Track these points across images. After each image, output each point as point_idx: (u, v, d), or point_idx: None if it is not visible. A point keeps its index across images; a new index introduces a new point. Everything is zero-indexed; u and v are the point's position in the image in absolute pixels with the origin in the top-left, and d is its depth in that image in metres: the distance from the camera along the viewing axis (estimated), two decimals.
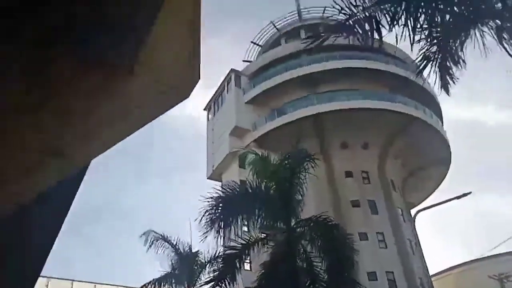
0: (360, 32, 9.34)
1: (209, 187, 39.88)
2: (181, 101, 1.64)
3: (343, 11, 9.14)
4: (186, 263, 17.36)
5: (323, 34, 10.82)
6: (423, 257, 33.73)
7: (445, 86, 10.75)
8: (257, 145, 35.97)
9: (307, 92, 36.60)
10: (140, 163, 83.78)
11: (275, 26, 45.24)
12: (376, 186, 34.63)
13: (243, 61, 46.43)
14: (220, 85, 40.38)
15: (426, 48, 10.15)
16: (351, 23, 9.28)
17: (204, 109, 42.53)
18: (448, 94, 10.78)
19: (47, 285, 23.41)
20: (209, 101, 41.77)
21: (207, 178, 38.30)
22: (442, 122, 38.72)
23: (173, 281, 17.50)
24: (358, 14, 9.19)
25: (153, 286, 17.55)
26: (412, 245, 33.17)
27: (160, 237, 17.86)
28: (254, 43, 46.22)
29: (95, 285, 25.44)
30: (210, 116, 41.71)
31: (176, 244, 18.01)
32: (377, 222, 32.28)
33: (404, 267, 31.17)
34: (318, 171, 22.65)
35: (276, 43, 44.36)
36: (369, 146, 35.75)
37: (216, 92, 41.00)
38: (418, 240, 34.12)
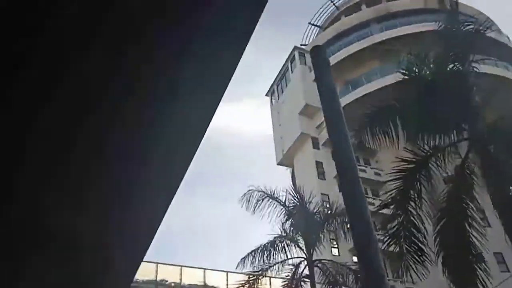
0: None
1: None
2: None
3: None
4: (301, 221, 14.52)
5: None
6: None
7: None
8: None
9: (380, 62, 33.51)
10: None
11: (333, 4, 42.69)
12: None
13: (301, 45, 44.01)
14: (283, 66, 37.91)
15: None
16: None
17: (266, 95, 40.09)
18: None
19: (156, 270, 21.84)
20: (271, 85, 39.31)
21: (277, 164, 35.52)
22: None
23: (285, 243, 14.66)
24: None
25: (261, 253, 14.77)
26: None
27: (266, 195, 15.10)
28: (312, 24, 43.75)
29: (204, 270, 23.77)
30: (273, 100, 39.16)
31: (285, 202, 15.20)
32: None
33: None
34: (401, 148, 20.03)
35: (336, 21, 41.69)
36: None
37: (278, 75, 38.52)
38: None
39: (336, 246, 26.14)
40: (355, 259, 27.10)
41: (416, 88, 9.93)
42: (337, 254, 25.25)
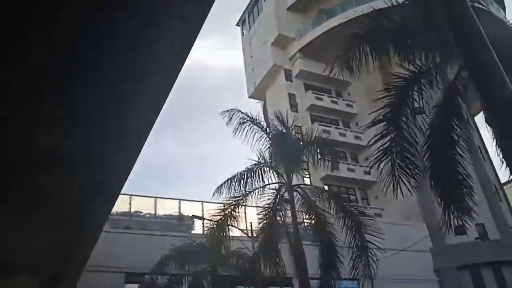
0: None
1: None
2: None
3: None
4: (282, 147, 14.38)
5: None
6: (493, 164, 30.96)
7: None
8: (303, 55, 32.41)
9: None
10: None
11: None
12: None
13: None
14: None
15: None
16: None
17: (237, 25, 38.51)
18: None
19: (130, 203, 21.64)
20: (242, 14, 37.67)
21: (249, 97, 35.00)
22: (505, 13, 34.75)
23: (263, 171, 14.55)
24: None
25: (237, 181, 14.62)
26: (481, 152, 30.37)
27: (248, 119, 14.69)
28: None
29: (179, 201, 23.51)
30: (245, 31, 37.73)
31: (266, 128, 14.92)
32: None
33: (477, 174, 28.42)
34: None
35: None
36: None
37: (249, 3, 36.79)
38: (485, 147, 31.35)
39: (308, 176, 26.65)
40: (326, 187, 27.88)
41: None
42: (308, 183, 25.77)
